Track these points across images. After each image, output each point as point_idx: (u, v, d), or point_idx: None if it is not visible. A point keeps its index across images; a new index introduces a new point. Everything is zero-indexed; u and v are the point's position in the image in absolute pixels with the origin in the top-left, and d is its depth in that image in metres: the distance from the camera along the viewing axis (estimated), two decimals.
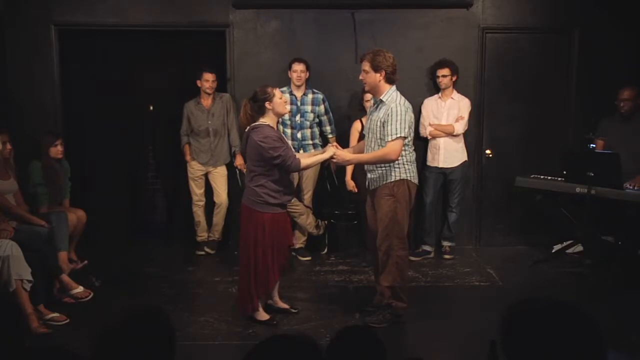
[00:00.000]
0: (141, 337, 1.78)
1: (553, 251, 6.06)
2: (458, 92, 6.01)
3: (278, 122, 5.89)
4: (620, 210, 5.30)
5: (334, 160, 4.36)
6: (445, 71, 5.92)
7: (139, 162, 7.09)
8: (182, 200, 6.58)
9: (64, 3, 6.06)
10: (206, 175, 6.20)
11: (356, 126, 5.85)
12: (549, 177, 5.72)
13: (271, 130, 4.25)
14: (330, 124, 6.04)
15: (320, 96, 5.94)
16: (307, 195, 6.00)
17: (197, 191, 6.21)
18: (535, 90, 6.31)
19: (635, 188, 5.17)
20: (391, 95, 4.25)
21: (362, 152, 4.50)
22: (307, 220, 6.00)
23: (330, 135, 6.05)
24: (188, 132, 6.15)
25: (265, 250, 4.29)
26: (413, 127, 4.34)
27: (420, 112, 5.97)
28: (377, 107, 4.34)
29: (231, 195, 6.21)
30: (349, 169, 5.82)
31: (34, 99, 6.11)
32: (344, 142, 5.89)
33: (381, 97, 4.27)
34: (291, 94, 5.88)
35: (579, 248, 5.95)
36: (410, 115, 4.25)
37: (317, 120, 5.97)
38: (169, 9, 6.11)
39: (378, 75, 4.23)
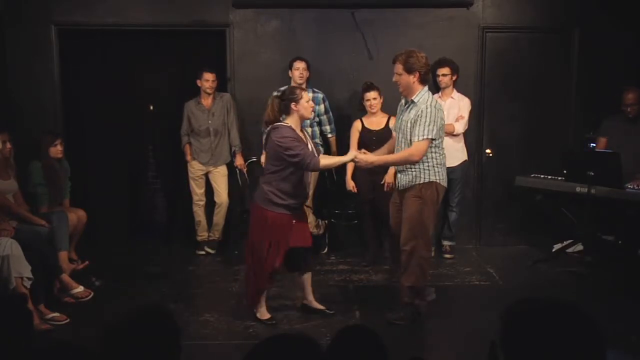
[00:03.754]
0: (148, 335, 1.78)
1: (553, 251, 6.06)
2: (458, 91, 6.01)
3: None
4: (621, 209, 5.30)
5: (357, 163, 4.36)
6: (445, 70, 5.92)
7: (139, 162, 7.09)
8: (183, 200, 6.58)
9: (64, 3, 6.07)
10: (206, 175, 6.20)
11: (356, 126, 5.85)
12: (549, 177, 5.72)
13: (290, 131, 4.23)
14: (330, 124, 6.04)
15: (320, 95, 5.94)
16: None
17: (198, 191, 6.21)
18: (536, 90, 6.30)
19: (637, 188, 5.16)
20: (423, 96, 4.25)
21: (390, 151, 4.52)
22: (307, 219, 5.99)
23: (329, 135, 6.05)
24: (188, 131, 6.15)
25: (262, 246, 4.28)
26: (443, 129, 4.34)
27: None
28: (407, 108, 4.33)
29: (231, 195, 6.21)
30: (349, 169, 5.80)
31: (34, 98, 6.11)
32: (343, 142, 5.90)
33: (413, 98, 4.27)
34: None
35: (579, 248, 5.94)
36: (441, 117, 4.25)
37: (317, 119, 5.97)
38: (169, 9, 6.11)
39: (412, 76, 4.22)
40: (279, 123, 4.29)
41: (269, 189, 4.26)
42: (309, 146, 4.33)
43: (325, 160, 4.31)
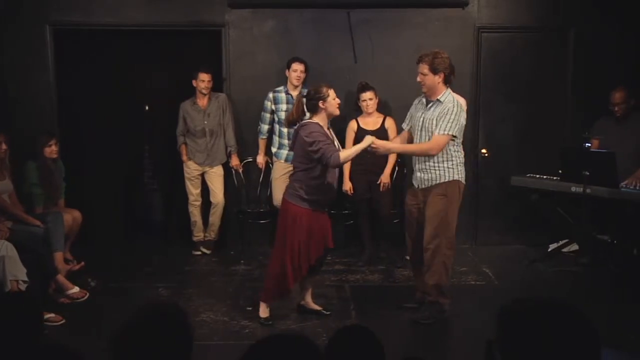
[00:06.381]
0: (160, 333, 1.77)
1: (549, 250, 6.07)
2: (453, 91, 6.00)
3: (275, 121, 5.97)
4: (616, 209, 5.31)
5: (374, 149, 4.35)
6: None
7: (136, 162, 7.08)
8: (179, 200, 6.57)
9: (59, 3, 6.05)
10: (202, 175, 6.20)
11: (352, 126, 5.84)
12: (545, 177, 5.74)
13: (317, 127, 4.25)
14: None
15: None
16: None
17: (194, 191, 6.20)
18: (531, 90, 6.31)
19: (636, 187, 5.17)
20: (448, 96, 4.32)
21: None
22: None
23: None
24: (184, 132, 6.14)
25: (294, 243, 4.26)
26: (463, 130, 4.38)
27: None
28: (429, 107, 4.37)
29: (227, 195, 6.20)
30: (347, 170, 5.79)
31: (30, 99, 6.09)
32: (340, 142, 5.89)
33: (438, 98, 4.32)
34: (287, 93, 5.88)
35: (574, 247, 5.96)
36: (464, 117, 4.32)
37: None
38: (164, 9, 6.10)
39: (437, 77, 4.29)
40: (307, 120, 4.30)
41: (298, 184, 4.27)
42: (336, 144, 4.34)
43: (344, 153, 4.27)
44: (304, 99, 4.37)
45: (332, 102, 4.29)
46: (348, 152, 4.35)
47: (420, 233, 4.44)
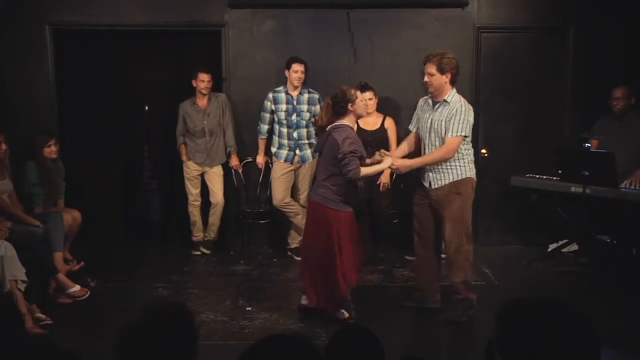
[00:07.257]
0: (165, 333, 1.76)
1: (548, 250, 6.07)
2: None
3: (275, 121, 5.97)
4: (616, 209, 5.31)
5: (394, 169, 4.43)
6: None
7: (135, 162, 7.07)
8: (178, 200, 6.57)
9: (59, 3, 6.05)
10: (202, 175, 6.19)
11: None
12: (545, 177, 5.73)
13: (352, 132, 4.30)
14: None
15: (315, 96, 5.94)
16: (303, 195, 5.98)
17: (193, 191, 6.20)
18: (531, 90, 6.31)
19: (636, 187, 5.17)
20: (454, 96, 4.36)
21: (405, 151, 4.62)
22: (303, 220, 5.99)
23: None
24: (184, 132, 6.14)
25: (348, 247, 4.29)
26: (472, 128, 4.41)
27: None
28: (436, 108, 4.39)
29: (227, 195, 6.20)
30: None
31: (29, 99, 6.09)
32: None
33: (445, 98, 4.35)
34: (287, 93, 5.88)
35: (574, 247, 5.96)
36: (472, 115, 4.36)
37: (312, 119, 5.97)
38: (164, 9, 6.10)
39: (444, 77, 4.31)
40: (339, 123, 4.30)
41: (340, 190, 4.27)
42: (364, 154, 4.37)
43: (365, 170, 4.29)
44: (332, 103, 4.35)
45: (360, 104, 4.35)
46: (367, 171, 4.34)
47: (431, 231, 4.49)
